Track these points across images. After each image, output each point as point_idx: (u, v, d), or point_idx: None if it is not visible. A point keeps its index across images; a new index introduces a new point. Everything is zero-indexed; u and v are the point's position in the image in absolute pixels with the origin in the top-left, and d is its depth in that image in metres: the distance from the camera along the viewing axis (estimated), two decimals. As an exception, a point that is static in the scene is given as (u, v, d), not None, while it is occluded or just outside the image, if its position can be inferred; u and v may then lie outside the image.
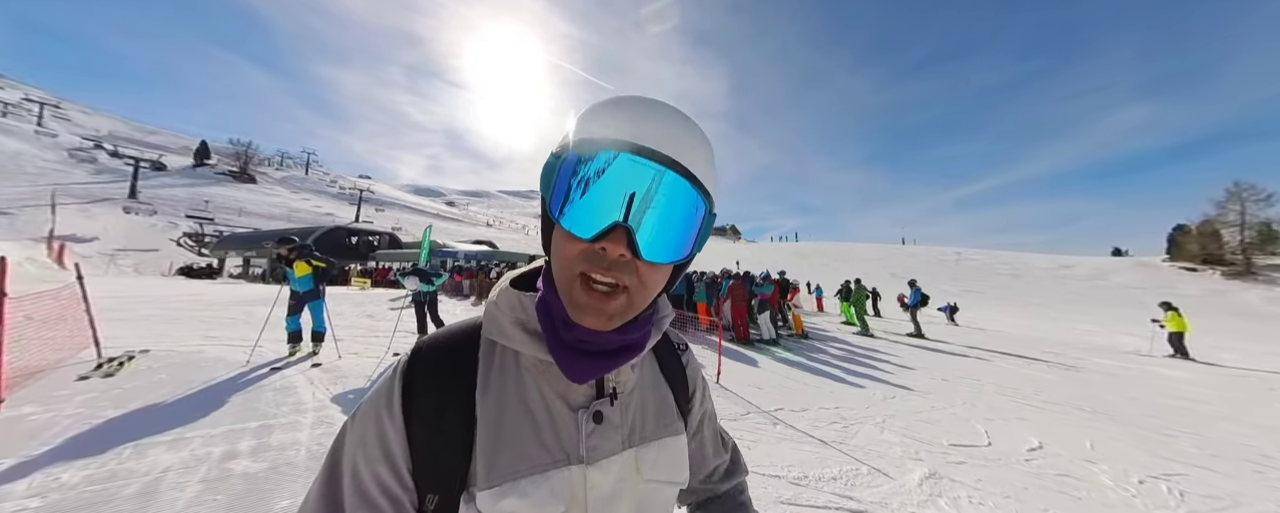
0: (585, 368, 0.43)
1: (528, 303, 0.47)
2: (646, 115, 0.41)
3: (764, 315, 8.14)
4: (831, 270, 32.46)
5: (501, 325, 0.46)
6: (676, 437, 0.53)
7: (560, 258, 0.41)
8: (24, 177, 49.20)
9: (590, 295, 0.40)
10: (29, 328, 3.86)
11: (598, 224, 0.39)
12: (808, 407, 4.17)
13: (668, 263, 0.42)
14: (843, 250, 49.88)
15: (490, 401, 0.44)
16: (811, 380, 5.33)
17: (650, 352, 0.56)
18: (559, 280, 0.42)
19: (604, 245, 0.39)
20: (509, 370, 0.46)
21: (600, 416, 0.47)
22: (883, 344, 8.53)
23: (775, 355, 6.78)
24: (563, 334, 0.43)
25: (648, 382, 0.54)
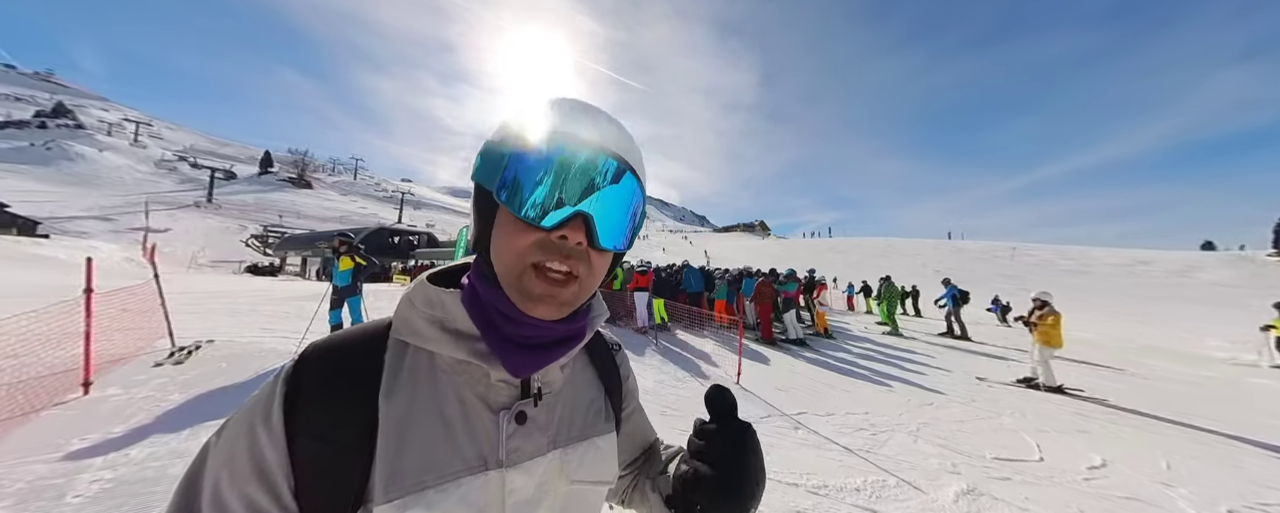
0: (526, 360, 0.42)
1: (449, 301, 0.44)
2: (592, 115, 0.44)
3: (789, 314, 7.85)
4: (869, 268, 30.80)
5: (414, 325, 0.43)
6: (605, 436, 0.52)
7: (510, 249, 0.41)
8: (123, 186, 56.42)
9: (546, 284, 0.40)
10: (121, 319, 4.38)
11: (558, 213, 0.39)
12: (834, 411, 3.97)
13: (614, 251, 0.44)
14: (882, 246, 47.20)
15: (395, 407, 0.41)
16: (839, 383, 5.07)
17: (582, 350, 0.56)
18: (506, 273, 0.41)
19: (564, 233, 0.40)
20: (420, 374, 0.43)
21: (523, 416, 0.45)
22: (918, 346, 8.00)
23: (801, 356, 6.52)
24: (505, 329, 0.42)
25: (578, 380, 0.53)
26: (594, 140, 0.41)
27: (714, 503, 0.42)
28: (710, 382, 4.72)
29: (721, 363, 5.66)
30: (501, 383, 0.44)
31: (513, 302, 0.41)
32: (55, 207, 41.76)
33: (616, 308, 8.44)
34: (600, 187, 0.41)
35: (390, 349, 0.44)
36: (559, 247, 0.40)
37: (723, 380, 4.77)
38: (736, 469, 0.43)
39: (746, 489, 0.42)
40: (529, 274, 0.40)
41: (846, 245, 50.04)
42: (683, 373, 5.08)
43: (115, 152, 74.25)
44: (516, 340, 0.42)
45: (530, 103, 0.44)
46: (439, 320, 0.43)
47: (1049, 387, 5.08)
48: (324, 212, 64.20)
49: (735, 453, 0.43)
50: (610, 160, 0.41)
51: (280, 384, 0.40)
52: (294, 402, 0.39)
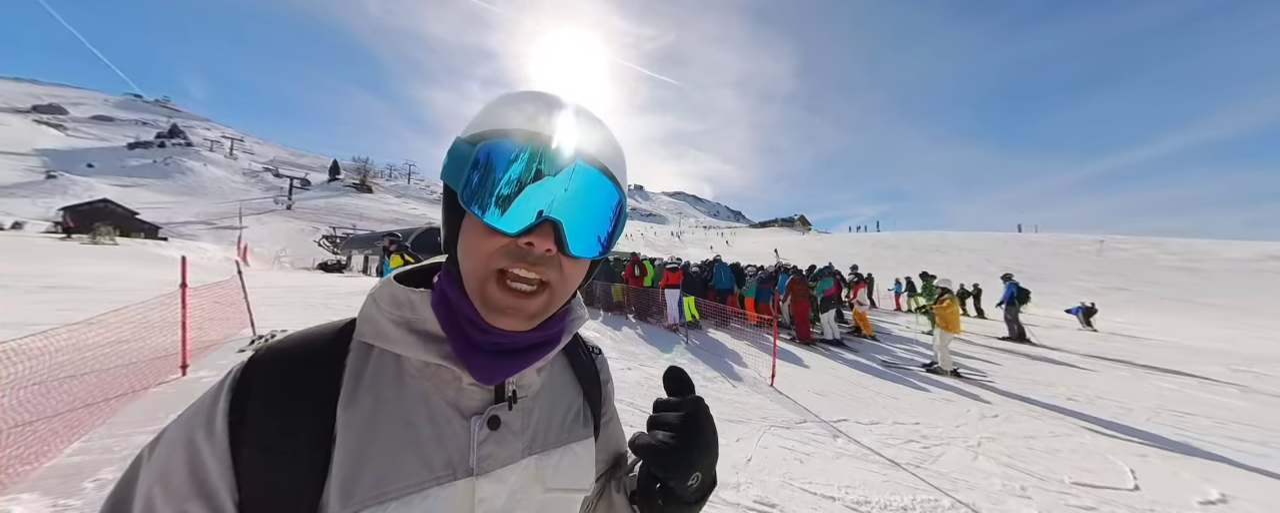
0: (497, 368, 0.41)
1: (419, 301, 0.42)
2: (564, 110, 0.41)
3: (827, 314, 7.41)
4: (921, 264, 28.42)
5: (380, 326, 0.41)
6: (583, 442, 0.51)
7: (475, 254, 0.39)
8: (221, 195, 65.12)
9: (509, 295, 0.39)
10: (213, 310, 5.02)
11: (524, 218, 0.38)
12: (878, 420, 3.66)
13: (590, 258, 0.42)
14: (937, 241, 43.45)
15: (356, 413, 0.38)
16: (885, 389, 4.69)
17: (562, 353, 0.55)
18: (471, 278, 0.39)
19: (531, 240, 0.38)
20: (386, 378, 0.41)
21: (497, 421, 0.43)
22: (978, 350, 7.21)
23: (840, 358, 6.12)
24: (473, 335, 0.40)
25: (556, 384, 0.52)
26: (567, 140, 0.39)
27: (670, 468, 0.43)
28: (741, 383, 4.59)
29: (753, 363, 5.44)
30: (473, 387, 0.42)
31: (477, 310, 0.39)
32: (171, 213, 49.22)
33: (647, 305, 8.41)
34: (572, 190, 0.39)
35: (353, 352, 0.41)
36: (525, 254, 0.38)
37: (755, 382, 4.60)
38: (689, 437, 0.44)
39: (697, 454, 0.44)
40: (492, 284, 0.39)
41: (895, 240, 46.47)
42: (712, 373, 4.94)
43: (216, 165, 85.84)
44: (485, 347, 0.40)
45: (502, 98, 0.42)
46: (407, 322, 0.41)
47: (944, 371, 5.48)
48: (382, 214, 70.15)
49: (688, 423, 0.45)
50: (583, 162, 0.39)
51: (226, 390, 0.37)
52: (241, 409, 0.36)
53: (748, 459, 2.78)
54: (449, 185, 0.40)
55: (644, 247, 56.69)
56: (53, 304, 6.53)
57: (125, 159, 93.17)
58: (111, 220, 35.29)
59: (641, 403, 3.68)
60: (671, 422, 0.45)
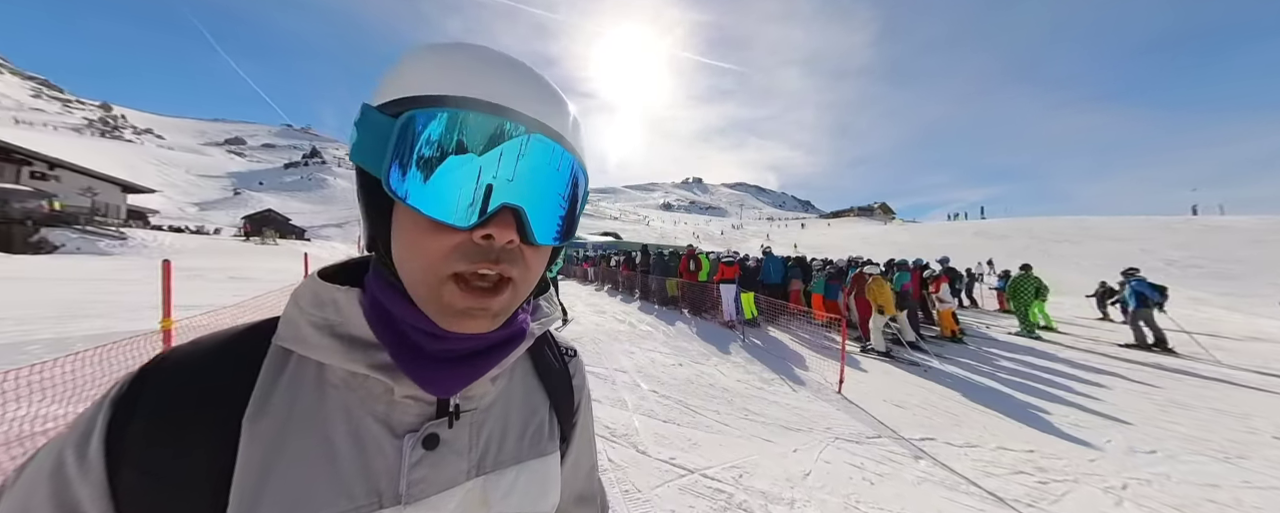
0: (454, 376, 0.35)
1: (344, 301, 0.36)
2: (505, 70, 0.35)
3: (901, 313, 6.50)
4: (1040, 256, 23.59)
5: (299, 330, 0.35)
6: (544, 458, 0.45)
7: (420, 256, 0.33)
8: (347, 202, 78.51)
9: (470, 295, 0.33)
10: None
11: (479, 208, 0.32)
12: (976, 442, 3.07)
13: (557, 244, 0.38)
14: (1070, 228, 35.70)
15: (262, 431, 0.33)
16: (981, 403, 3.93)
17: (525, 357, 0.49)
18: (418, 285, 0.33)
19: (490, 232, 0.32)
20: (304, 389, 0.35)
21: (434, 440, 0.37)
22: (1107, 361, 5.69)
23: (923, 365, 5.29)
24: (426, 345, 0.35)
25: (515, 393, 0.45)
26: (519, 106, 0.34)
27: None
28: (803, 388, 4.20)
29: (818, 367, 4.95)
30: (409, 400, 0.37)
31: (430, 318, 0.33)
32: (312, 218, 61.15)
33: (702, 300, 8.17)
34: (531, 168, 0.33)
35: (269, 359, 0.36)
36: (484, 251, 0.32)
37: (820, 388, 4.17)
38: None
39: None
40: (449, 287, 0.32)
41: (1005, 228, 39.10)
42: (770, 374, 4.59)
43: (344, 178, 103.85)
44: (438, 355, 0.35)
45: (422, 53, 0.35)
46: (329, 325, 0.35)
47: (877, 351, 5.70)
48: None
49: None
50: (539, 134, 0.33)
51: (106, 405, 0.32)
52: (123, 428, 0.31)
53: (805, 474, 2.50)
54: (365, 170, 0.33)
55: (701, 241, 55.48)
56: (232, 290, 8.39)
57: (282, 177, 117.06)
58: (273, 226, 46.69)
59: (692, 400, 3.55)
60: None
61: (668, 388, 3.84)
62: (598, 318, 7.57)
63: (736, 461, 2.60)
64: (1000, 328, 8.40)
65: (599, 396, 3.57)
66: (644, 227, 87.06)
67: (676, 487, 2.29)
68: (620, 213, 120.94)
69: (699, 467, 2.50)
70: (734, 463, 2.57)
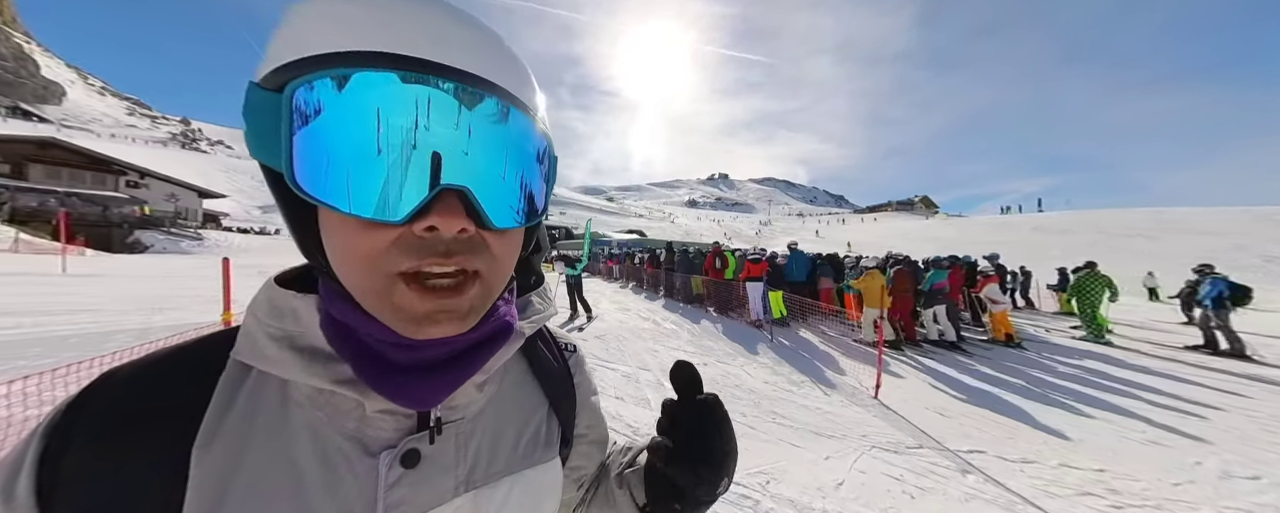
0: (432, 387, 0.31)
1: (303, 309, 0.32)
2: (421, 11, 0.28)
3: (936, 311, 6.08)
4: (1113, 254, 21.32)
5: (257, 342, 0.31)
6: (541, 466, 0.40)
7: (354, 261, 0.28)
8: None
9: (429, 296, 0.28)
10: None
11: (413, 193, 0.27)
12: (1033, 458, 2.79)
13: (525, 226, 0.33)
14: (1140, 221, 32.15)
15: (219, 456, 0.29)
16: (1038, 414, 3.58)
17: (519, 356, 0.44)
18: (363, 292, 0.29)
19: (432, 223, 0.27)
20: (264, 408, 0.31)
21: (415, 456, 0.33)
22: (1191, 371, 4.99)
23: (970, 371, 4.89)
24: (395, 356, 0.31)
25: (508, 399, 0.41)
26: (443, 58, 0.27)
27: (686, 475, 0.39)
28: (835, 391, 3.99)
29: (852, 370, 4.70)
30: (383, 414, 0.33)
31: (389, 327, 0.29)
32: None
33: (728, 299, 7.99)
34: (471, 137, 0.28)
35: (226, 375, 0.32)
36: (431, 244, 0.27)
37: (854, 392, 3.95)
38: (705, 439, 0.40)
39: (716, 458, 0.40)
40: (401, 290, 0.28)
41: (1068, 222, 35.65)
42: (800, 376, 4.41)
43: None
44: (410, 365, 0.31)
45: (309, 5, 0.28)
46: (288, 337, 0.31)
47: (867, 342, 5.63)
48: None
49: (703, 424, 0.40)
50: (477, 91, 0.27)
51: (37, 438, 0.28)
52: (55, 462, 0.27)
53: (838, 483, 2.36)
54: (265, 165, 0.28)
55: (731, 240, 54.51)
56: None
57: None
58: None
59: (716, 403, 3.46)
60: (683, 426, 0.40)
61: (692, 388, 3.77)
62: (622, 315, 7.58)
63: (763, 466, 2.49)
64: (1060, 331, 7.67)
65: (623, 394, 3.56)
66: (669, 224, 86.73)
67: (700, 490, 2.23)
68: (645, 211, 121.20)
69: (724, 471, 2.42)
70: (761, 469, 2.47)
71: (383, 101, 0.25)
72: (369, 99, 0.25)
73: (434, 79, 0.26)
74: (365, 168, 0.26)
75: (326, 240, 0.29)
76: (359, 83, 0.25)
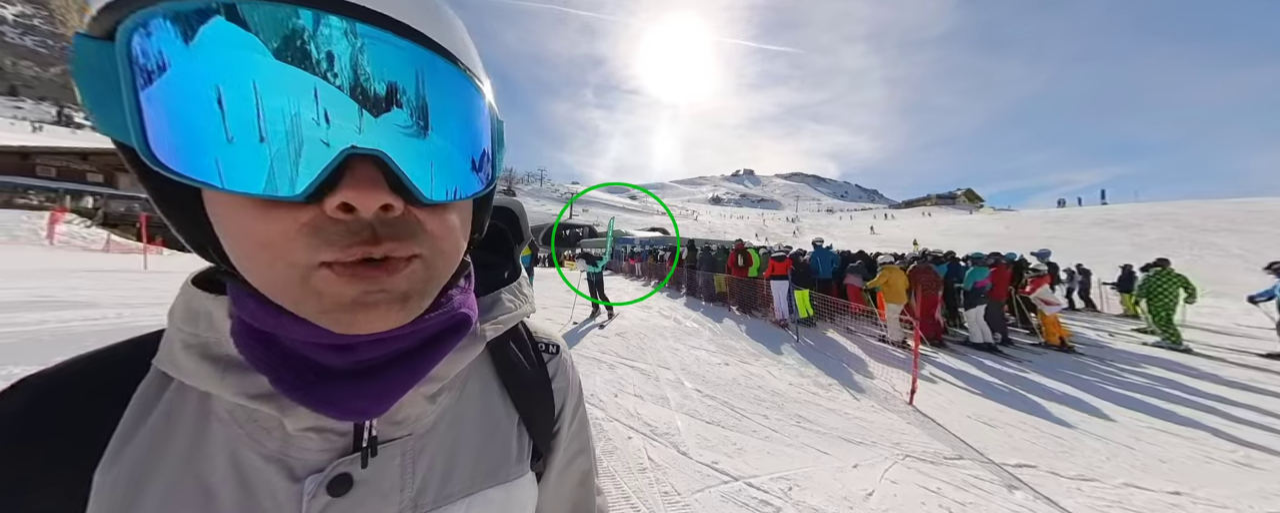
0: (370, 395, 0.26)
1: (218, 312, 0.28)
2: None
3: (974, 311, 5.67)
4: (1191, 250, 19.11)
5: (172, 351, 0.28)
6: (510, 484, 0.36)
7: (252, 248, 0.23)
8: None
9: (360, 279, 0.23)
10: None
11: (312, 162, 0.21)
12: (1093, 475, 2.53)
13: (468, 197, 0.28)
14: (1224, 213, 28.67)
15: (124, 474, 0.26)
16: (1098, 427, 3.24)
17: (485, 360, 0.39)
18: (271, 286, 0.24)
19: (345, 199, 0.22)
20: (180, 424, 0.28)
21: (346, 482, 0.29)
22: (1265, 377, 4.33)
23: (1016, 376, 4.50)
24: (327, 361, 0.26)
25: (469, 410, 0.36)
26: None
27: None
28: (865, 395, 3.80)
29: (883, 374, 4.45)
30: (308, 433, 0.29)
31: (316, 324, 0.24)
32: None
33: (752, 297, 7.79)
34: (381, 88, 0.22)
35: (145, 384, 0.29)
36: (352, 228, 0.22)
37: (887, 397, 3.74)
38: None
39: None
40: (321, 274, 0.23)
41: (1134, 214, 32.24)
42: (828, 379, 4.22)
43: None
44: (349, 371, 0.26)
45: None
46: (201, 344, 0.27)
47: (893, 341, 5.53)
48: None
49: None
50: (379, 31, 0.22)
51: None
52: None
53: (867, 493, 2.23)
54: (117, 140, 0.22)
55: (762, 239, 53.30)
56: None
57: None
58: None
59: (739, 403, 3.36)
60: None
61: (713, 388, 3.69)
62: (643, 313, 7.56)
63: (786, 471, 2.39)
64: (1125, 336, 6.96)
65: (641, 392, 3.53)
66: (692, 221, 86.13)
67: (718, 493, 2.17)
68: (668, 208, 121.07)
69: (744, 474, 2.34)
70: (783, 474, 2.37)
71: (260, 41, 0.20)
72: (239, 39, 0.19)
73: (325, 18, 0.21)
74: (244, 129, 0.20)
75: (218, 229, 0.24)
76: (221, 22, 0.19)
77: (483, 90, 0.27)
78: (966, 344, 5.90)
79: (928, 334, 5.78)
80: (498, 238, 0.44)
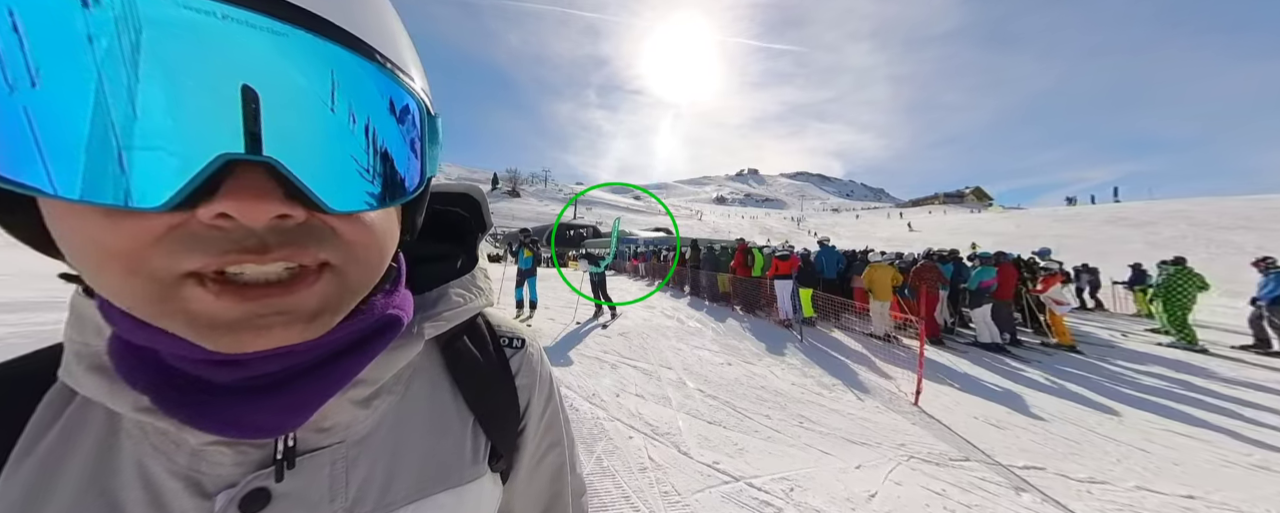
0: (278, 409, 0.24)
1: (103, 321, 0.25)
2: None
3: (983, 310, 5.56)
4: (1206, 248, 18.71)
5: (67, 360, 0.26)
6: (460, 488, 0.33)
7: (100, 258, 0.19)
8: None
9: (246, 298, 0.20)
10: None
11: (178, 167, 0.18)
12: (1104, 478, 2.48)
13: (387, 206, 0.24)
14: (1240, 210, 28.03)
15: (20, 491, 0.24)
16: (1110, 429, 3.17)
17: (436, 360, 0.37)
18: (131, 300, 0.20)
19: (225, 210, 0.19)
20: (87, 439, 0.26)
21: (262, 497, 0.26)
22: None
23: (1024, 377, 4.43)
24: (216, 377, 0.24)
25: (413, 412, 0.33)
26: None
27: None
28: (869, 395, 3.75)
29: (889, 374, 4.40)
30: (217, 447, 0.26)
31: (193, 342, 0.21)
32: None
33: (756, 297, 7.75)
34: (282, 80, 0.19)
35: (51, 395, 0.27)
36: (234, 236, 0.19)
37: (892, 398, 3.69)
38: None
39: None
40: (191, 291, 0.20)
41: (1148, 212, 31.61)
42: (831, 379, 4.18)
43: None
44: (235, 386, 0.24)
45: None
46: (92, 355, 0.25)
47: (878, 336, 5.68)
48: (527, 213, 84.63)
49: None
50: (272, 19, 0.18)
51: None
52: None
53: (870, 495, 2.20)
54: None
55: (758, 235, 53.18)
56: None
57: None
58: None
59: (741, 403, 3.34)
60: None
61: (715, 388, 3.67)
62: (646, 312, 7.55)
63: (788, 472, 2.37)
64: (1137, 335, 6.82)
65: (643, 391, 3.52)
66: (696, 221, 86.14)
67: (719, 494, 2.15)
68: (673, 208, 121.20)
69: (745, 475, 2.32)
70: (784, 474, 2.35)
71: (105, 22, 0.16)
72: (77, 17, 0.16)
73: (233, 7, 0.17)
74: (89, 125, 0.17)
75: (56, 235, 0.20)
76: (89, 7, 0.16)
77: (404, 80, 0.24)
78: (974, 344, 5.82)
79: (929, 333, 5.74)
80: (455, 226, 0.41)
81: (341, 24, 0.21)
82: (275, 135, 0.19)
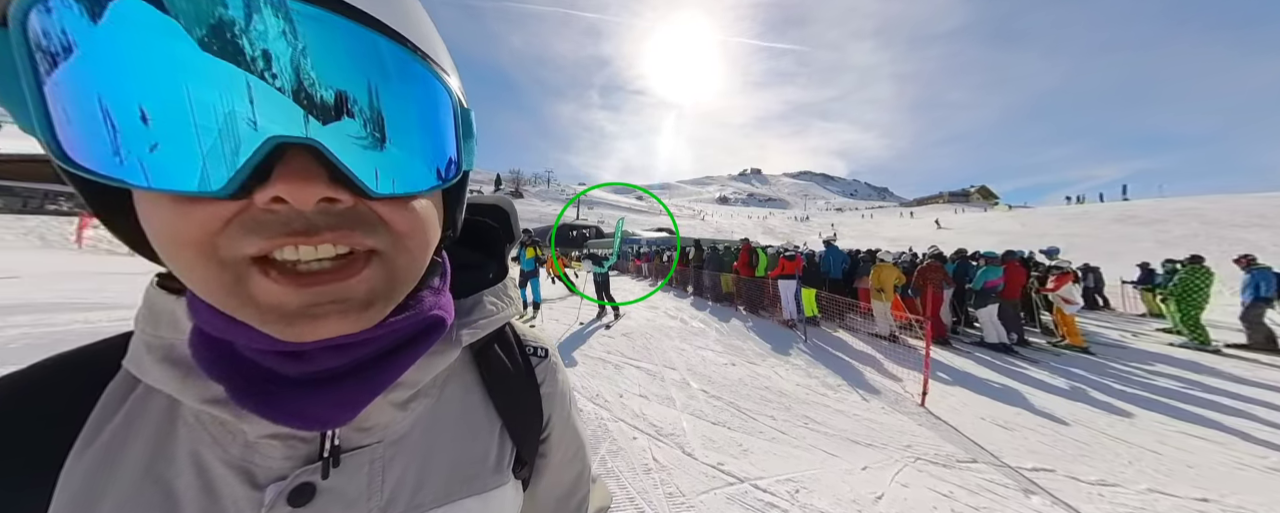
0: (328, 403, 0.25)
1: (181, 314, 0.27)
2: None
3: (989, 310, 5.49)
4: (1217, 246, 18.40)
5: (137, 352, 0.27)
6: (485, 495, 0.34)
7: (177, 245, 0.21)
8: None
9: (304, 286, 0.22)
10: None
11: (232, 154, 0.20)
12: (1115, 481, 2.44)
13: (427, 190, 0.25)
14: (1253, 208, 27.54)
15: (87, 474, 0.25)
16: (1122, 430, 3.12)
17: (467, 364, 0.38)
18: (207, 288, 0.22)
19: (277, 192, 0.20)
20: (147, 426, 0.27)
21: (308, 492, 0.28)
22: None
23: (1033, 378, 4.37)
24: (283, 369, 0.25)
25: (446, 416, 0.35)
26: None
27: None
28: (876, 396, 3.73)
29: (895, 375, 4.36)
30: (270, 440, 0.28)
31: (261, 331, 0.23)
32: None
33: (759, 297, 7.72)
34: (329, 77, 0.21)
35: (115, 384, 0.28)
36: (285, 219, 0.21)
37: (898, 399, 3.66)
38: None
39: None
40: (256, 279, 0.21)
41: (1158, 210, 31.14)
42: (836, 380, 4.15)
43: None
44: (299, 379, 0.25)
45: None
46: (164, 346, 0.27)
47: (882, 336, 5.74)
48: (530, 214, 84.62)
49: None
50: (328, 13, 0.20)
51: None
52: None
53: (877, 496, 2.18)
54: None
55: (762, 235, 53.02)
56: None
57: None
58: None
59: (745, 404, 3.33)
60: None
61: (719, 388, 3.66)
62: (649, 313, 7.54)
63: (793, 473, 2.36)
64: (1148, 336, 6.72)
65: (647, 392, 3.52)
66: (699, 221, 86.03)
67: (724, 495, 2.14)
68: (676, 209, 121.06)
69: (749, 476, 2.31)
70: (790, 476, 2.33)
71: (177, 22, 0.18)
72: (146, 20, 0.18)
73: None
74: (158, 119, 0.18)
75: (145, 227, 0.22)
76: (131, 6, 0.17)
77: (439, 72, 0.25)
78: (981, 344, 5.76)
79: (937, 335, 5.68)
80: (485, 237, 0.42)
81: (382, 18, 0.22)
82: (320, 122, 0.21)
